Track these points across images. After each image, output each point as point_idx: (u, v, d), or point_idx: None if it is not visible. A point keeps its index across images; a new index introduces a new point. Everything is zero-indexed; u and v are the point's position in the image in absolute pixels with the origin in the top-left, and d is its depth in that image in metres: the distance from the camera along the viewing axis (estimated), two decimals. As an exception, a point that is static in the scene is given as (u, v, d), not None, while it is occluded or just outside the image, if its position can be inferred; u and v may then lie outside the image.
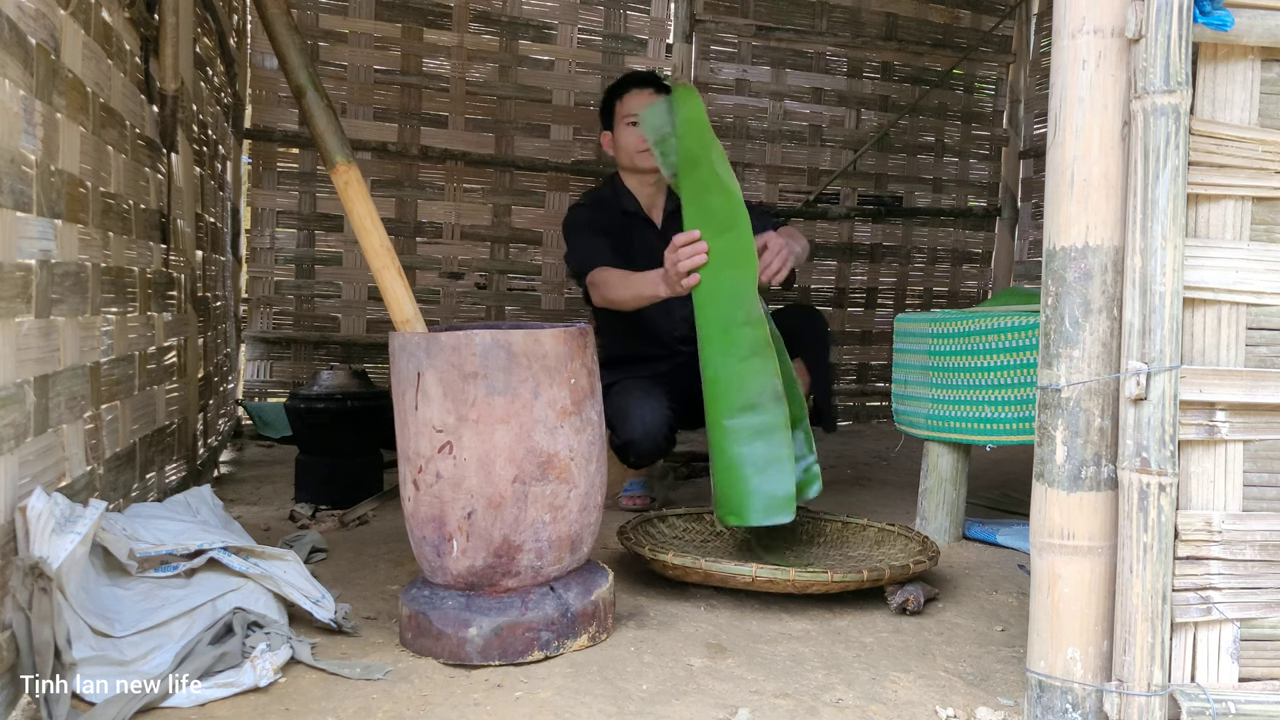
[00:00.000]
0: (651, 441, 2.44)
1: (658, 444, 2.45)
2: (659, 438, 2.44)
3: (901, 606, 1.83)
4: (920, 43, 4.61)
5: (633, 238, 2.70)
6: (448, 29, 3.92)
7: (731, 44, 4.36)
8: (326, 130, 1.70)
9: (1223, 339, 1.26)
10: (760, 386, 1.97)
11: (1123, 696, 1.21)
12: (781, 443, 1.95)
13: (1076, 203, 1.24)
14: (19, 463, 1.27)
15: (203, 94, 2.75)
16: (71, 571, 1.28)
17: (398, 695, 1.40)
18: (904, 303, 4.81)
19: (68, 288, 1.48)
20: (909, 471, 3.24)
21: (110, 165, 1.74)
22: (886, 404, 4.65)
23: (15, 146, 1.25)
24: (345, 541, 2.22)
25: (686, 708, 1.39)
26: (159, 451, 2.17)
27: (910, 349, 2.42)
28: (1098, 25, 1.22)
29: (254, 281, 3.83)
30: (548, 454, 1.55)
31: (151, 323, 2.08)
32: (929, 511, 2.37)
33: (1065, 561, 1.26)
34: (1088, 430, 1.25)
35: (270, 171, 3.80)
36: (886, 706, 1.42)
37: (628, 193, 2.74)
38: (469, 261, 4.05)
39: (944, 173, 4.80)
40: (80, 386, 1.56)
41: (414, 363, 1.55)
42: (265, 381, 3.87)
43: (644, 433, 2.42)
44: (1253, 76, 1.27)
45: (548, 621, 1.55)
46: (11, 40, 1.23)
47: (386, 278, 1.70)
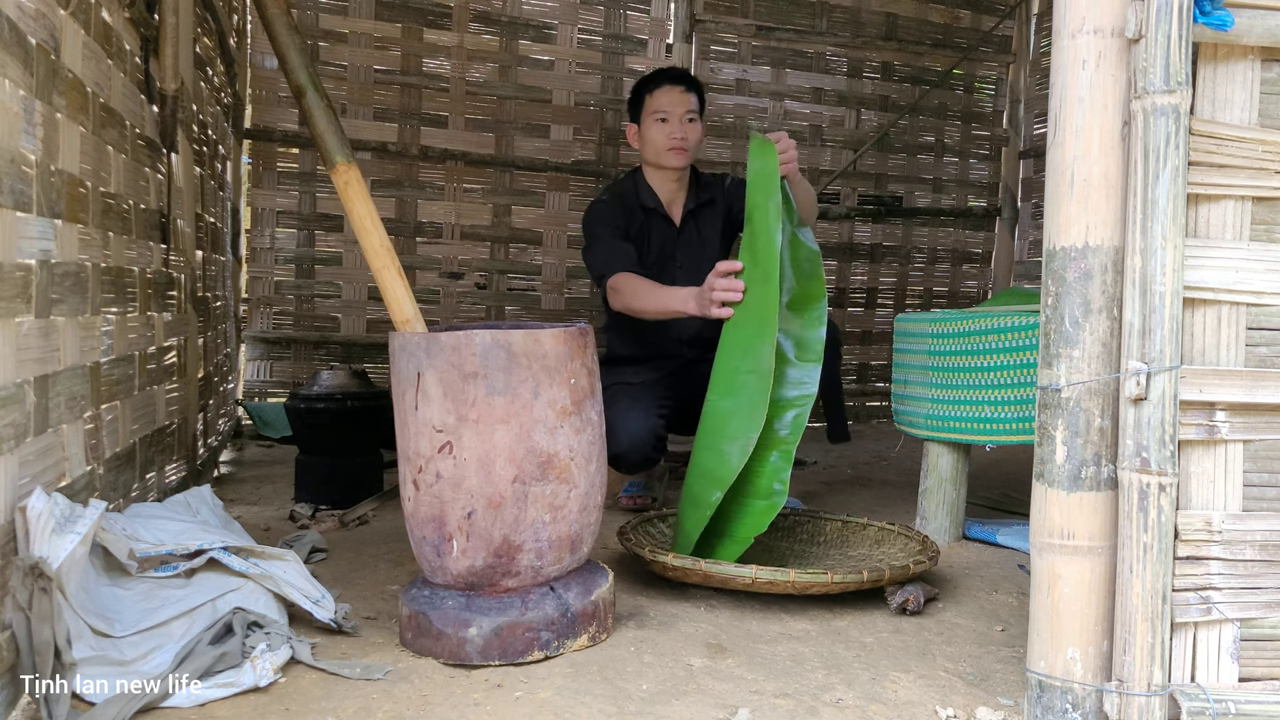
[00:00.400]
0: (639, 453, 2.43)
1: (645, 455, 2.44)
2: (646, 449, 2.43)
3: (901, 606, 1.83)
4: (920, 43, 4.61)
5: (649, 234, 2.70)
6: (448, 29, 3.92)
7: (731, 44, 4.36)
8: (326, 130, 1.70)
9: (1223, 339, 1.26)
10: (736, 431, 1.95)
11: (1123, 696, 1.21)
12: (717, 494, 1.92)
13: (1076, 203, 1.24)
14: (19, 463, 1.27)
15: (203, 94, 2.75)
16: (71, 571, 1.28)
17: (398, 695, 1.40)
18: (904, 303, 4.81)
19: (68, 288, 1.48)
20: (909, 471, 3.24)
21: (110, 165, 1.74)
22: (886, 404, 4.65)
23: (15, 146, 1.25)
24: (345, 541, 2.22)
25: (686, 708, 1.39)
26: (159, 451, 2.17)
27: (910, 349, 2.42)
28: (1098, 25, 1.23)
29: (254, 281, 3.83)
30: (548, 454, 1.55)
31: (151, 323, 2.08)
32: (929, 511, 2.37)
33: (1065, 561, 1.26)
34: (1088, 430, 1.25)
35: (270, 171, 3.80)
36: (886, 706, 1.42)
37: (648, 188, 2.73)
38: (469, 261, 4.05)
39: (944, 173, 4.80)
40: (80, 386, 1.56)
41: (414, 363, 1.55)
42: (265, 381, 3.87)
43: (630, 445, 2.41)
44: (1253, 76, 1.27)
45: (548, 621, 1.55)
46: (11, 40, 1.23)
47: (386, 278, 1.70)
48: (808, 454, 3.61)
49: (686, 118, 2.61)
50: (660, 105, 2.62)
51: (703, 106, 2.69)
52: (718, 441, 1.99)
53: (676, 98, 2.61)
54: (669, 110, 2.59)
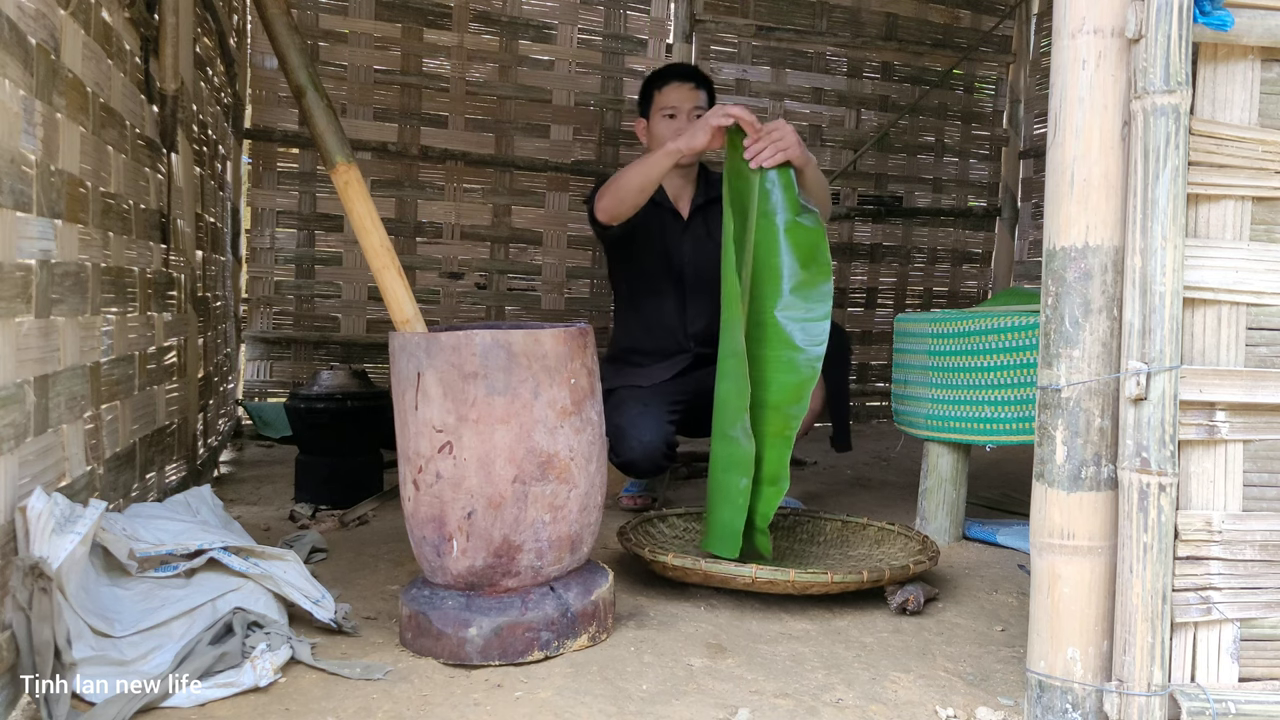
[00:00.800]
0: (650, 462, 2.41)
1: (657, 462, 2.43)
2: (658, 456, 2.41)
3: (901, 606, 1.83)
4: (920, 43, 4.61)
5: (656, 228, 2.69)
6: (448, 29, 3.92)
7: (731, 44, 4.36)
8: (326, 130, 1.70)
9: (1223, 339, 1.26)
10: (734, 415, 1.96)
11: (1123, 696, 1.21)
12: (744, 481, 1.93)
13: (1076, 203, 1.24)
14: (19, 463, 1.27)
15: (203, 94, 2.75)
16: (71, 571, 1.28)
17: (398, 695, 1.40)
18: (904, 303, 4.81)
19: (68, 288, 1.48)
20: (909, 471, 3.24)
21: (110, 165, 1.74)
22: (886, 404, 4.65)
23: (15, 146, 1.25)
24: (345, 541, 2.22)
25: (686, 708, 1.39)
26: (159, 451, 2.17)
27: (910, 349, 2.42)
28: (1098, 25, 1.22)
29: (254, 281, 3.83)
30: (548, 454, 1.55)
31: (151, 323, 2.08)
32: (929, 511, 2.37)
33: (1065, 561, 1.26)
34: (1088, 430, 1.25)
35: (270, 171, 3.80)
36: (886, 706, 1.42)
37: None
38: (469, 261, 4.05)
39: (944, 173, 4.80)
40: (80, 386, 1.56)
41: (414, 363, 1.55)
42: (265, 381, 3.87)
43: (642, 453, 2.39)
44: (1253, 76, 1.27)
45: (548, 621, 1.55)
46: (11, 40, 1.23)
47: (386, 278, 1.70)
48: (808, 454, 3.61)
49: (695, 114, 2.60)
50: (669, 101, 2.61)
51: (712, 103, 2.68)
52: (724, 428, 2.01)
53: (685, 94, 2.60)
54: (677, 106, 2.59)
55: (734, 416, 1.96)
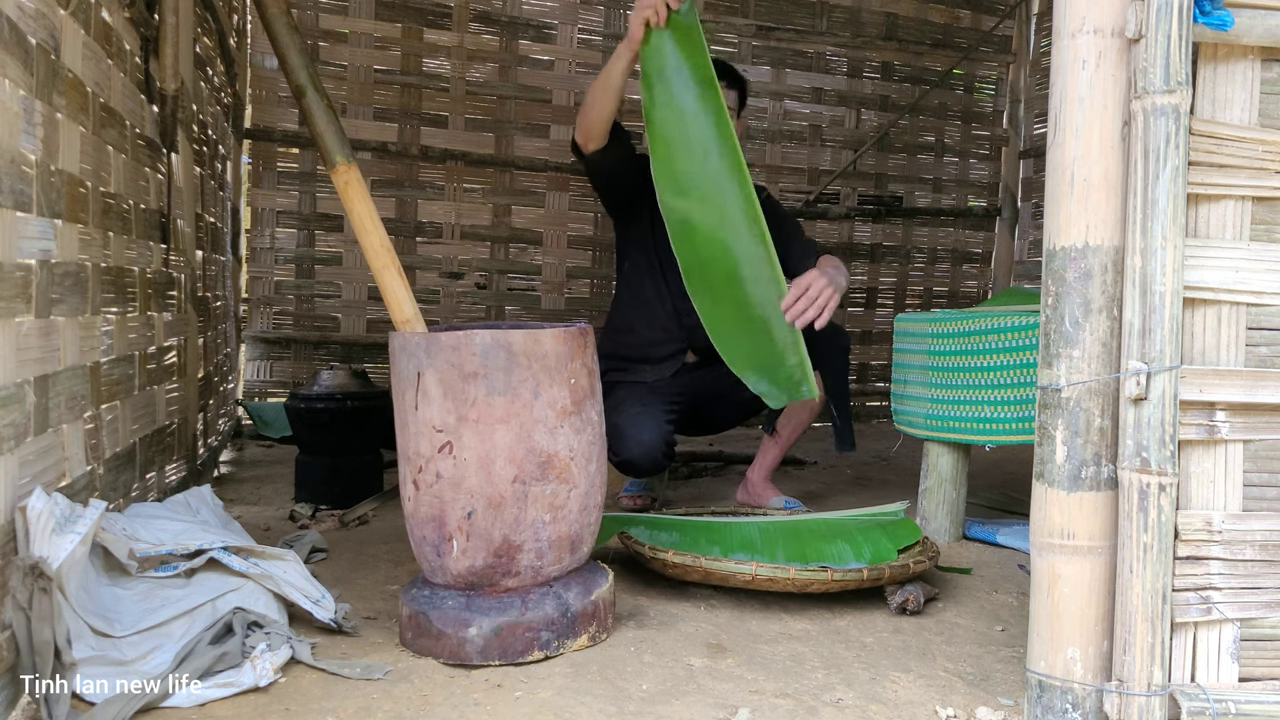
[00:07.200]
0: (650, 461, 2.41)
1: (656, 462, 2.43)
2: (657, 455, 2.41)
3: (901, 606, 1.83)
4: (920, 43, 4.61)
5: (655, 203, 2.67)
6: (448, 29, 3.92)
7: (731, 44, 4.36)
8: (326, 130, 1.70)
9: (1223, 339, 1.26)
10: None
11: (1123, 696, 1.21)
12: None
13: (1076, 203, 1.24)
14: (19, 463, 1.27)
15: (203, 94, 2.75)
16: (71, 571, 1.28)
17: (398, 695, 1.40)
18: (904, 303, 4.81)
19: (68, 288, 1.48)
20: (909, 471, 3.24)
21: (110, 165, 1.74)
22: (886, 404, 4.65)
23: (15, 146, 1.25)
24: (345, 541, 2.22)
25: (686, 708, 1.39)
26: (159, 451, 2.17)
27: (910, 349, 2.42)
28: (1098, 25, 1.22)
29: (254, 281, 3.83)
30: (548, 454, 1.55)
31: (151, 323, 2.08)
32: (929, 511, 2.37)
33: (1065, 561, 1.26)
34: (1088, 430, 1.25)
35: (270, 171, 3.80)
36: (886, 706, 1.42)
37: None
38: (469, 261, 4.05)
39: (944, 173, 4.80)
40: (80, 386, 1.56)
41: (414, 363, 1.55)
42: (265, 381, 3.87)
43: (641, 453, 2.39)
44: (1253, 76, 1.27)
45: (548, 621, 1.55)
46: (11, 40, 1.23)
47: (386, 278, 1.70)
48: (808, 454, 3.61)
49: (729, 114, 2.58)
50: None
51: (743, 102, 2.67)
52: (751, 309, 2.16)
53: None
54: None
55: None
